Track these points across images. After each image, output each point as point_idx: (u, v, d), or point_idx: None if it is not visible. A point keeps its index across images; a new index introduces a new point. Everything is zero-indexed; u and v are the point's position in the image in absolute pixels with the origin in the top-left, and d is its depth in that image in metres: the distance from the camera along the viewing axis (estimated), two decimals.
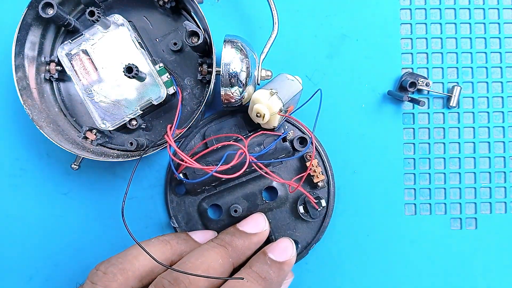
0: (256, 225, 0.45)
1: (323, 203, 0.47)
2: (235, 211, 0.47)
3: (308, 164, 0.47)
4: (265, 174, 0.44)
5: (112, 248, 0.49)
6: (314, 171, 0.47)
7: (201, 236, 0.46)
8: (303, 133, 0.49)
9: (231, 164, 0.40)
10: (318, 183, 0.48)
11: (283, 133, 0.48)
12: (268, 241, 0.47)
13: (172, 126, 0.42)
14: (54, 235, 0.49)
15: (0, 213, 0.49)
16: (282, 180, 0.45)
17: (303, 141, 0.48)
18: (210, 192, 0.49)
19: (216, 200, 0.48)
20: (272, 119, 0.44)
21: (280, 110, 0.43)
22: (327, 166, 0.49)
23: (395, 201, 0.50)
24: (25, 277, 0.49)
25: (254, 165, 0.44)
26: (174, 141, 0.44)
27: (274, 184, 0.48)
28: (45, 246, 0.49)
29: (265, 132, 0.47)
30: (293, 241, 0.46)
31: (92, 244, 0.49)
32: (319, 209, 0.47)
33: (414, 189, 0.50)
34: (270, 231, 0.47)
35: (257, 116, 0.44)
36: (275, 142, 0.47)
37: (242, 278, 0.38)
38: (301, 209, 0.48)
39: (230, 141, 0.47)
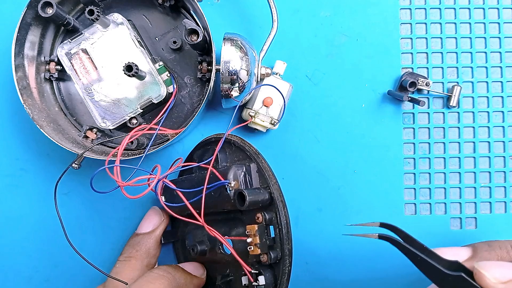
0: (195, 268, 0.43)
1: (261, 280, 0.36)
2: (193, 250, 0.42)
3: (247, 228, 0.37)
4: (167, 209, 0.38)
5: (112, 248, 0.49)
6: (251, 242, 0.36)
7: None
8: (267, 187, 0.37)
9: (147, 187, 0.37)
10: (260, 258, 0.36)
11: (224, 180, 0.38)
12: None
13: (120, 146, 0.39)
14: (54, 235, 0.49)
15: (0, 213, 0.49)
16: (214, 233, 0.36)
17: (241, 198, 0.36)
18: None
19: (190, 232, 0.45)
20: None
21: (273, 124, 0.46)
22: (282, 238, 0.36)
23: (395, 201, 0.50)
24: (25, 277, 0.49)
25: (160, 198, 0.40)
26: (172, 139, 0.44)
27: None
28: (45, 246, 0.49)
29: (214, 170, 0.39)
30: None
31: (92, 244, 0.49)
32: (254, 284, 0.37)
33: (414, 189, 0.50)
34: None
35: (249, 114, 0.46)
36: (211, 186, 0.37)
37: None
38: (244, 280, 0.38)
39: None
